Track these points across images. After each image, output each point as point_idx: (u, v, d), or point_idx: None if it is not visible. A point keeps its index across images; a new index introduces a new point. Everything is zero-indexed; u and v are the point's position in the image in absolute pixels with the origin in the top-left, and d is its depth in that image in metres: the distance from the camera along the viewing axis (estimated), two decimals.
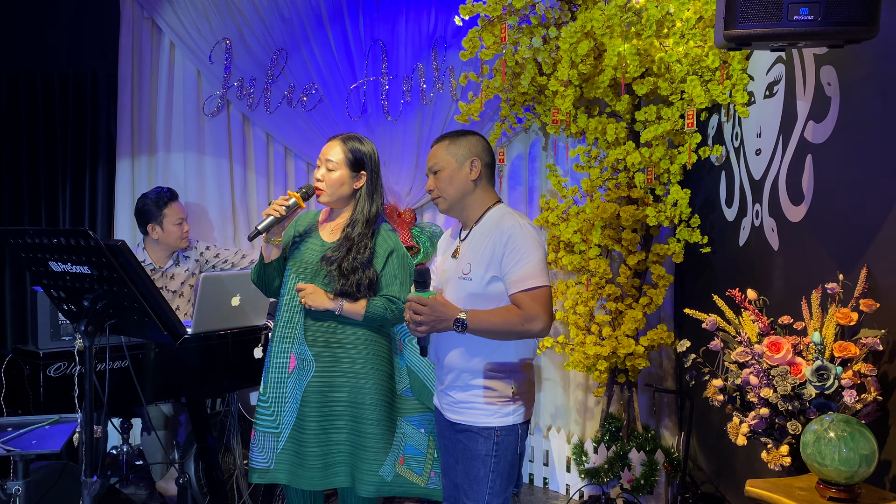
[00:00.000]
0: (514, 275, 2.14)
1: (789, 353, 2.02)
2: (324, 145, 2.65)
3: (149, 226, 3.64)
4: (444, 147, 2.29)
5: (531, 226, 2.21)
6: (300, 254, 2.63)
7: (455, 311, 2.14)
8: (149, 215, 3.63)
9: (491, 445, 2.21)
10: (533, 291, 2.12)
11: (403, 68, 4.21)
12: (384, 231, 2.63)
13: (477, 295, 2.19)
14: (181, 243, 3.69)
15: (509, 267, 2.15)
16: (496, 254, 2.17)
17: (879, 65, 2.07)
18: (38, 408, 2.67)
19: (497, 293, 2.18)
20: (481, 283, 2.19)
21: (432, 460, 2.63)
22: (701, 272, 3.64)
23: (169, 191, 3.72)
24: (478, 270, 2.20)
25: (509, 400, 2.22)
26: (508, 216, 2.23)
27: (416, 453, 2.63)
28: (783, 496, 1.89)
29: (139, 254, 3.63)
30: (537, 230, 2.23)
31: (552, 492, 3.98)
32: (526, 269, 2.13)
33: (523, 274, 2.13)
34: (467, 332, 2.13)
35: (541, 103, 3.72)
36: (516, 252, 2.14)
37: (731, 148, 3.26)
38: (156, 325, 2.20)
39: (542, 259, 2.17)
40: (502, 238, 2.16)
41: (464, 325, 2.11)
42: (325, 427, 2.55)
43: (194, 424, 3.10)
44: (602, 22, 3.17)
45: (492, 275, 2.18)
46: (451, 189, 2.28)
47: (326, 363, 2.55)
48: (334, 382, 2.55)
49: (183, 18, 4.21)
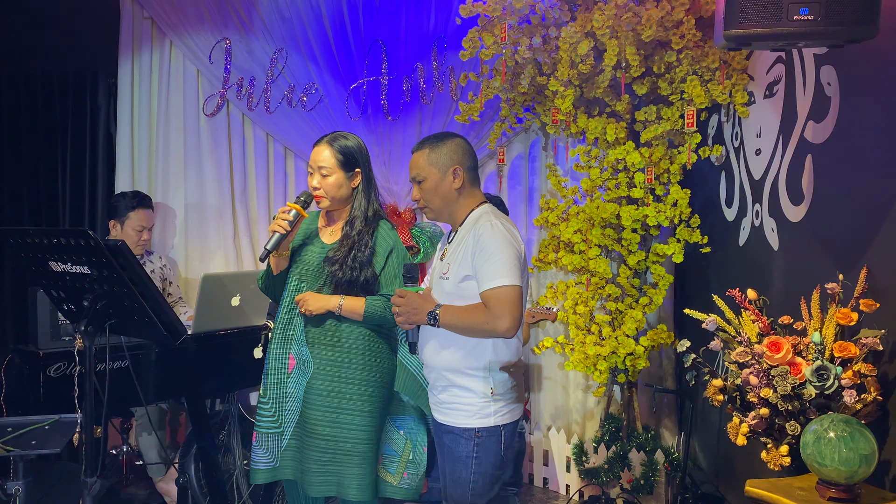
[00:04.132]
0: (482, 273, 2.15)
1: (789, 353, 2.02)
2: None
3: (111, 221, 3.69)
4: (425, 156, 2.27)
5: (505, 226, 2.20)
6: (301, 257, 2.62)
7: (431, 305, 2.18)
8: (115, 212, 3.69)
9: (472, 447, 2.21)
10: (499, 290, 2.12)
11: (403, 68, 4.21)
12: (384, 229, 2.63)
13: (451, 293, 2.22)
14: (136, 249, 3.68)
15: (479, 265, 2.16)
16: (468, 252, 2.19)
17: (879, 65, 2.07)
18: (38, 408, 2.67)
19: (470, 292, 2.19)
20: (455, 282, 2.21)
21: (406, 462, 2.64)
22: (701, 272, 3.64)
23: (144, 198, 3.74)
24: (454, 270, 2.23)
25: (489, 400, 2.22)
26: (484, 216, 2.24)
27: (391, 453, 2.64)
28: (783, 496, 1.89)
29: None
30: (513, 231, 2.23)
31: (552, 492, 3.98)
32: (493, 268, 2.13)
33: (491, 272, 2.13)
34: (439, 325, 2.16)
35: (541, 103, 3.72)
36: (485, 251, 2.15)
37: (731, 148, 3.26)
38: (156, 325, 2.20)
39: (511, 258, 2.15)
40: (475, 236, 2.18)
41: (435, 318, 2.16)
42: (326, 433, 2.53)
43: (194, 424, 3.09)
44: (602, 22, 3.17)
45: (465, 273, 2.19)
46: (436, 199, 2.28)
47: (325, 364, 2.55)
48: (332, 384, 2.54)
49: (183, 18, 4.21)
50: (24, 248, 2.23)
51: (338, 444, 2.53)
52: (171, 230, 4.30)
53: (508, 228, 2.21)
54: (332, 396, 2.53)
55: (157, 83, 4.29)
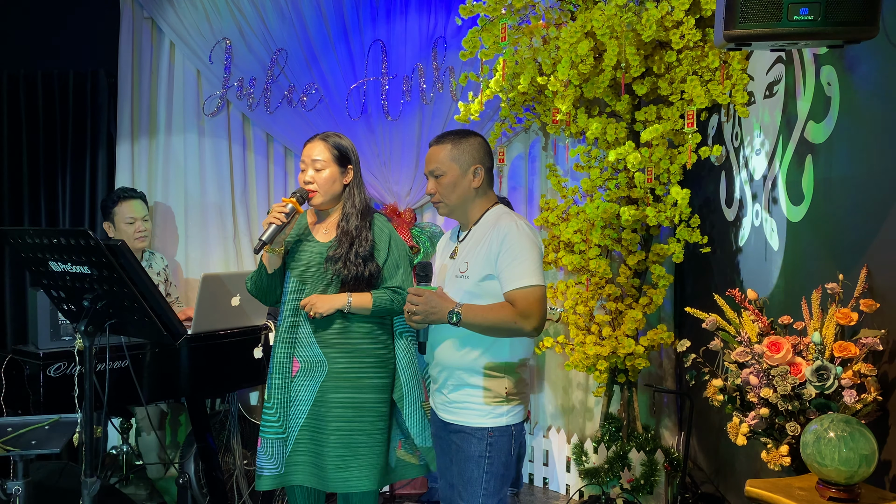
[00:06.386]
0: (509, 273, 2.15)
1: (789, 353, 2.02)
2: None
3: (104, 224, 3.69)
4: (447, 151, 2.27)
5: (528, 226, 2.22)
6: (298, 258, 2.62)
7: (451, 304, 2.17)
8: (104, 213, 3.69)
9: (484, 446, 2.20)
10: (527, 290, 2.13)
11: (403, 68, 4.21)
12: (380, 221, 2.66)
13: (471, 292, 2.21)
14: (136, 243, 3.64)
15: (504, 265, 2.15)
16: (492, 252, 2.18)
17: (879, 65, 2.07)
18: (38, 408, 2.67)
19: (491, 291, 2.19)
20: (476, 281, 2.20)
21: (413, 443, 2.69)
22: (701, 272, 3.64)
23: (124, 191, 3.71)
24: (474, 268, 2.21)
25: (503, 400, 2.22)
26: (506, 216, 2.25)
27: (403, 436, 2.68)
28: (783, 496, 1.88)
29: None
30: (534, 231, 2.24)
31: (552, 492, 3.98)
32: (521, 268, 2.14)
33: (518, 272, 2.14)
34: (461, 324, 2.14)
35: (541, 103, 3.72)
36: (512, 250, 2.15)
37: (731, 148, 3.26)
38: (156, 325, 2.20)
39: (537, 259, 2.17)
40: (499, 236, 2.17)
41: (458, 317, 2.13)
42: (345, 429, 2.54)
43: (194, 424, 3.10)
44: (602, 22, 3.17)
45: (487, 273, 2.19)
46: (454, 196, 2.28)
47: (340, 363, 2.56)
48: (349, 381, 2.56)
49: (183, 18, 4.21)
50: (24, 248, 2.23)
51: (360, 438, 2.55)
52: (171, 230, 4.30)
53: (532, 228, 2.23)
54: (350, 392, 2.56)
55: (157, 83, 4.29)
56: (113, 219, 3.65)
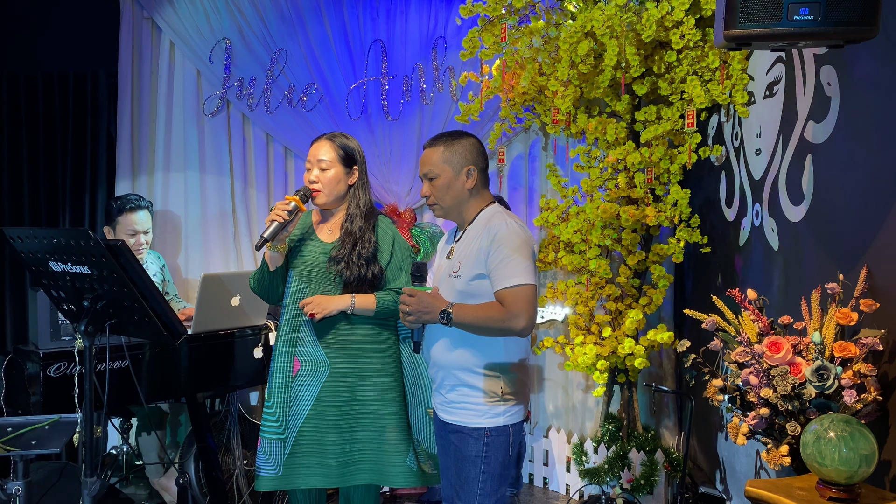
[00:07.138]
0: (499, 272, 2.15)
1: (789, 353, 2.02)
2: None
3: (105, 227, 3.68)
4: (440, 153, 2.27)
5: (519, 226, 2.22)
6: (301, 257, 2.62)
7: (443, 303, 2.17)
8: (107, 216, 3.66)
9: (481, 446, 2.21)
10: (517, 289, 2.13)
11: (403, 68, 4.21)
12: (384, 223, 2.66)
13: (464, 292, 2.21)
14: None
15: (495, 264, 2.16)
16: (482, 251, 2.18)
17: (879, 65, 2.07)
18: (38, 408, 2.67)
19: (482, 290, 2.19)
20: (467, 280, 2.21)
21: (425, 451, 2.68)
22: (701, 272, 3.64)
23: (131, 201, 3.62)
24: (465, 268, 2.22)
25: (499, 400, 2.22)
26: (497, 215, 2.25)
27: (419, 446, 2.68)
28: (783, 496, 1.88)
29: None
30: (526, 230, 2.24)
31: (552, 492, 3.98)
32: (510, 267, 2.14)
33: (508, 271, 2.14)
34: (452, 324, 2.15)
35: (541, 103, 3.72)
36: (501, 250, 2.15)
37: (731, 148, 3.26)
38: (156, 325, 2.20)
39: (527, 258, 2.17)
40: (489, 236, 2.18)
41: (448, 317, 2.14)
42: (346, 426, 2.56)
43: (194, 424, 3.10)
44: (602, 22, 3.17)
45: (477, 272, 2.19)
46: (448, 198, 2.28)
47: (343, 363, 2.56)
48: (353, 381, 2.57)
49: (183, 18, 4.21)
50: (24, 247, 2.23)
51: (360, 434, 2.58)
52: (171, 230, 4.30)
53: (524, 227, 2.23)
54: (350, 391, 2.56)
55: (157, 83, 4.29)
56: (115, 226, 3.63)
